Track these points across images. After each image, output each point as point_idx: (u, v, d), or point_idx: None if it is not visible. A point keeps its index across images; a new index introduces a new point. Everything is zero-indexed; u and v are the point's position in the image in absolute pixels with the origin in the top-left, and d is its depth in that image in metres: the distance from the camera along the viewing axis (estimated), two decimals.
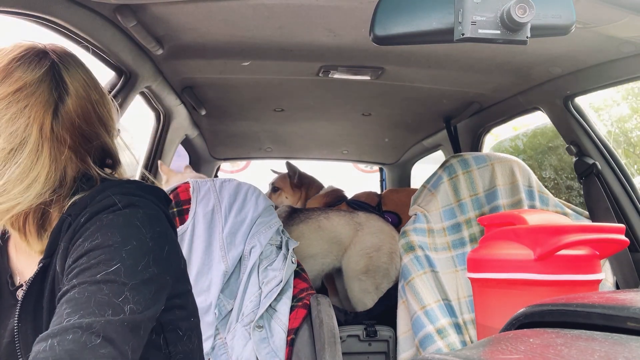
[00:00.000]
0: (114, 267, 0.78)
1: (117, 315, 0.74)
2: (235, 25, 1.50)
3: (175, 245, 0.92)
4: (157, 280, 0.83)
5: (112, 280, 0.77)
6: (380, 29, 0.97)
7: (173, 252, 0.90)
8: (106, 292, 0.76)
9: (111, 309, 0.74)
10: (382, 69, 1.87)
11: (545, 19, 0.92)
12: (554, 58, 1.70)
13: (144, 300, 0.79)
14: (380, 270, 2.32)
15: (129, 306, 0.76)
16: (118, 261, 0.78)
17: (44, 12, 1.17)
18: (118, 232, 0.81)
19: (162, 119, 2.27)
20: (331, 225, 2.41)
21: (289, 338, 1.42)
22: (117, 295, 0.76)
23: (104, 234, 0.81)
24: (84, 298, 0.75)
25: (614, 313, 0.53)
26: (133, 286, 0.78)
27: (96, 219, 0.83)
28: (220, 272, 1.50)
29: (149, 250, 0.82)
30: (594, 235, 1.24)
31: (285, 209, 2.50)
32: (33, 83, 0.82)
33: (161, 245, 0.86)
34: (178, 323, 0.94)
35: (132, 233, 0.82)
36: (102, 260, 0.78)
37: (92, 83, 0.91)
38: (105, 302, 0.75)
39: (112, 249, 0.79)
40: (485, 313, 1.37)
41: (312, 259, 2.35)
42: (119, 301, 0.76)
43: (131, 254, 0.80)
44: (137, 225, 0.83)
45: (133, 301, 0.77)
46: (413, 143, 3.16)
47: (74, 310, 0.73)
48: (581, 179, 1.92)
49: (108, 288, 0.76)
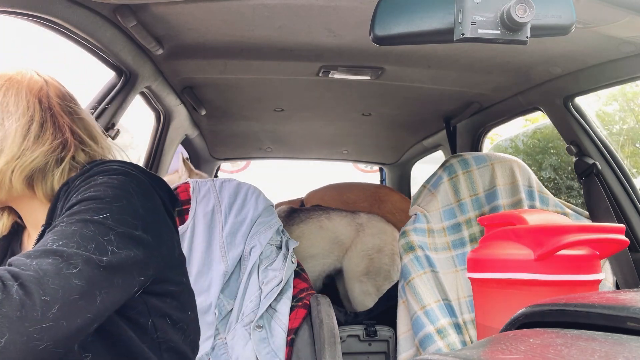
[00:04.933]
0: (102, 214, 0.79)
1: (99, 255, 0.75)
2: (235, 25, 1.50)
3: (170, 230, 0.93)
4: (145, 245, 0.83)
5: (99, 222, 0.78)
6: (380, 29, 0.97)
7: (167, 233, 0.91)
8: (92, 229, 0.77)
9: (94, 243, 0.75)
10: (382, 69, 1.87)
11: (545, 19, 0.92)
12: (554, 58, 1.70)
13: (129, 251, 0.79)
14: (381, 272, 2.31)
15: (111, 248, 0.77)
16: (107, 211, 0.80)
17: (44, 12, 1.17)
18: (110, 189, 0.83)
19: (162, 119, 2.27)
20: (332, 225, 2.40)
21: (289, 338, 1.42)
22: (102, 234, 0.77)
23: (97, 189, 0.83)
24: (70, 230, 0.76)
25: (614, 313, 0.53)
26: (120, 233, 0.79)
27: (91, 179, 0.86)
28: (220, 272, 1.50)
29: (139, 216, 0.83)
30: (594, 235, 1.24)
31: (284, 209, 2.49)
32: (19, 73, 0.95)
33: (153, 218, 0.87)
34: (168, 311, 0.93)
35: (124, 194, 0.84)
36: (93, 208, 0.80)
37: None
38: (90, 237, 0.76)
39: (103, 201, 0.81)
40: (485, 313, 1.37)
41: (313, 259, 2.33)
42: (103, 239, 0.76)
43: (121, 210, 0.81)
44: (129, 191, 0.85)
45: (117, 246, 0.77)
46: (413, 143, 3.16)
47: (59, 238, 0.75)
48: (581, 179, 1.92)
49: (94, 226, 0.77)
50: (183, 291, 0.98)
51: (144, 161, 2.31)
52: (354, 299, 2.32)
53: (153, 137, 2.32)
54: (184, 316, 0.97)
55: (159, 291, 0.90)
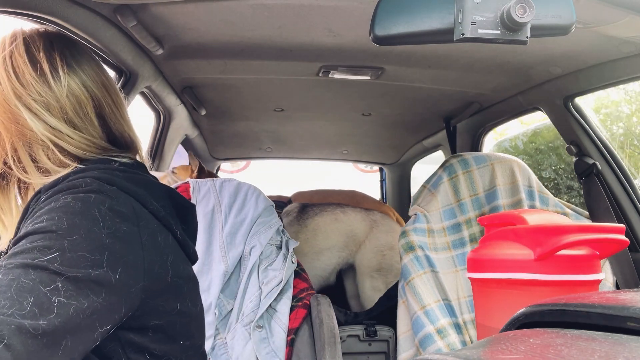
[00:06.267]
0: (49, 255, 0.66)
1: (36, 317, 0.60)
2: (235, 25, 1.50)
3: (160, 252, 0.80)
4: (108, 286, 0.69)
5: (42, 267, 0.65)
6: (380, 29, 0.97)
7: (152, 258, 0.78)
8: (32, 277, 0.63)
9: (33, 297, 0.62)
10: (382, 69, 1.87)
11: (545, 19, 0.92)
12: (554, 58, 1.70)
13: (82, 300, 0.65)
14: (392, 269, 2.31)
15: (57, 299, 0.63)
16: (56, 250, 0.66)
17: (44, 12, 1.17)
18: (67, 217, 0.70)
19: (162, 119, 2.27)
20: (348, 219, 2.40)
21: (289, 338, 1.42)
22: (44, 283, 0.63)
23: (50, 217, 0.70)
24: (6, 281, 0.63)
25: (614, 313, 0.53)
26: (70, 278, 0.65)
27: (54, 198, 0.74)
28: (220, 272, 1.50)
29: (102, 248, 0.70)
30: (594, 235, 1.24)
31: (296, 205, 2.49)
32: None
33: (125, 247, 0.73)
34: (149, 345, 0.79)
35: (83, 223, 0.70)
36: (39, 247, 0.67)
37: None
38: (28, 289, 0.62)
39: (53, 235, 0.68)
40: (485, 313, 1.37)
41: (329, 252, 2.34)
42: (45, 290, 0.63)
43: (75, 245, 0.68)
44: (94, 216, 0.71)
45: (65, 295, 0.64)
46: (413, 143, 3.16)
47: None
48: (581, 179, 1.92)
49: (36, 274, 0.64)
50: (174, 320, 0.83)
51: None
52: (364, 294, 2.31)
53: (153, 137, 2.32)
54: (171, 348, 0.83)
55: (135, 326, 0.77)
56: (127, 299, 0.72)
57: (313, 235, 2.34)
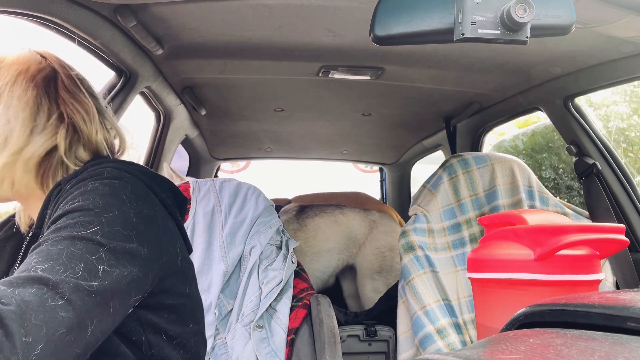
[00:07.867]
0: (91, 229, 0.73)
1: (89, 279, 0.68)
2: (235, 25, 1.50)
3: (171, 236, 0.87)
4: (141, 258, 0.76)
5: (88, 238, 0.72)
6: (380, 29, 0.97)
7: (167, 241, 0.85)
8: (80, 247, 0.70)
9: (83, 264, 0.69)
10: (382, 69, 1.87)
11: (545, 19, 0.92)
12: (554, 58, 1.70)
13: (123, 268, 0.73)
14: (393, 270, 2.30)
15: (102, 267, 0.70)
16: (97, 224, 0.73)
17: (44, 12, 1.17)
18: (100, 198, 0.77)
19: (162, 119, 2.27)
20: (347, 220, 2.39)
21: (289, 338, 1.42)
22: (91, 252, 0.71)
23: (85, 198, 0.77)
24: (56, 250, 0.70)
25: (614, 313, 0.53)
26: (111, 249, 0.73)
27: (81, 184, 0.80)
28: (220, 272, 1.50)
29: (131, 226, 0.77)
30: (594, 235, 1.24)
31: (294, 206, 2.49)
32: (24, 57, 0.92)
33: (149, 226, 0.81)
34: (165, 326, 0.87)
35: (115, 203, 0.77)
36: (80, 222, 0.73)
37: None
38: (78, 257, 0.69)
39: (91, 212, 0.75)
40: (485, 313, 1.37)
41: (329, 254, 2.32)
42: (92, 258, 0.70)
43: (111, 221, 0.75)
44: (122, 198, 0.79)
45: (109, 264, 0.71)
46: (413, 143, 3.16)
47: (43, 260, 0.68)
48: (581, 179, 1.92)
49: (83, 244, 0.71)
50: (184, 303, 0.91)
51: (144, 161, 2.31)
52: (364, 295, 2.30)
53: (153, 137, 2.32)
54: (184, 330, 0.90)
55: (153, 305, 0.84)
56: (152, 272, 0.80)
57: (312, 236, 2.34)
